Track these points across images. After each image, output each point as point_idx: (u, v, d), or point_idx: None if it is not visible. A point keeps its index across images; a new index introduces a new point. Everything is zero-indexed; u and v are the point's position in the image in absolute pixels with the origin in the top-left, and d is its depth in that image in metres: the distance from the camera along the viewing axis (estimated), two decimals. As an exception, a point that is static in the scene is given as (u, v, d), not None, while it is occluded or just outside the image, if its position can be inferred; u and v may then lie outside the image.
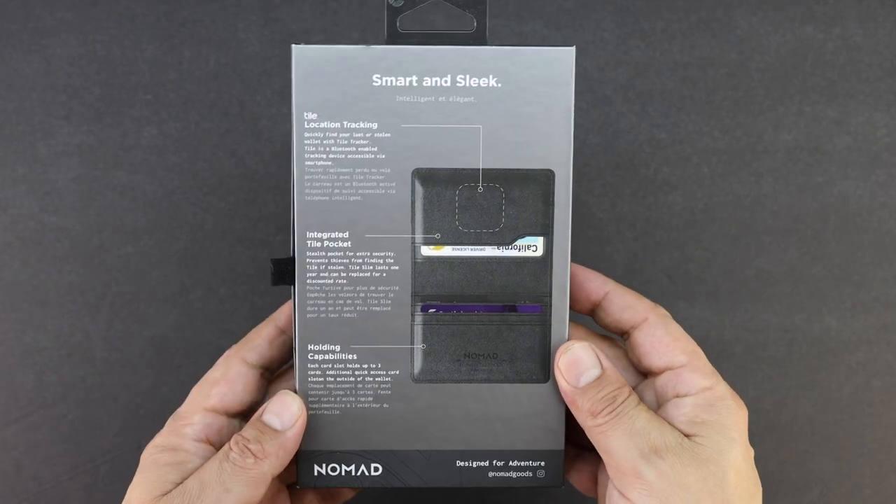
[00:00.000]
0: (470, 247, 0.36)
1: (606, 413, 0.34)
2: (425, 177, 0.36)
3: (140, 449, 0.50)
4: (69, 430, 0.50)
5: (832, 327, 0.52)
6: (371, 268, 0.36)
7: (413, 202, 0.36)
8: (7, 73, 0.50)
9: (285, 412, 0.35)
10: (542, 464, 0.37)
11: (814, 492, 0.52)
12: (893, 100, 0.52)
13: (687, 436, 0.33)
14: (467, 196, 0.36)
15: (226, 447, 0.34)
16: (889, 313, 0.52)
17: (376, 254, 0.36)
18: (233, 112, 0.51)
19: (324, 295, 0.36)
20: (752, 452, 0.35)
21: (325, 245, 0.36)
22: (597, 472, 0.39)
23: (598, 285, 0.37)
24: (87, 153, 0.51)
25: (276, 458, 0.34)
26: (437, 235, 0.36)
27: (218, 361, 0.37)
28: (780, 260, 0.52)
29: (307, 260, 0.36)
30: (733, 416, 0.34)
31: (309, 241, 0.36)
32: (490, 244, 0.36)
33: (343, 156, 0.35)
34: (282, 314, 0.38)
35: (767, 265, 0.52)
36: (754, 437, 0.52)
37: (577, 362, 0.35)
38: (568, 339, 0.37)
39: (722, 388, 0.35)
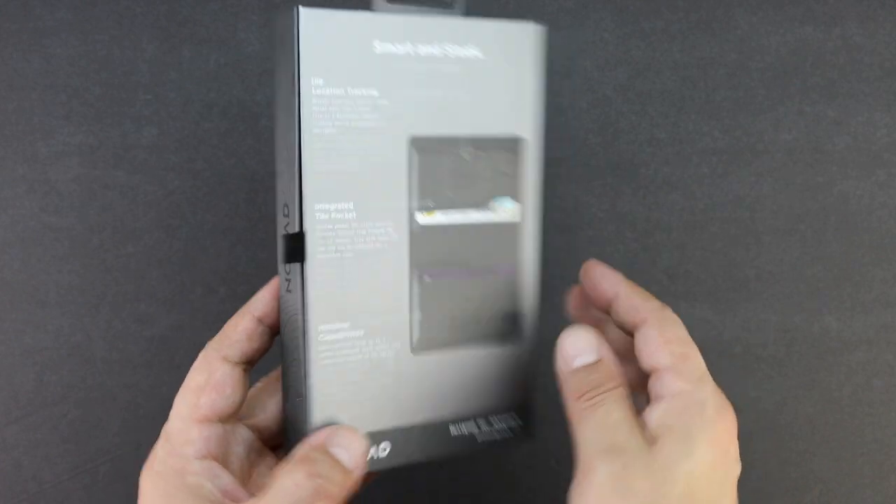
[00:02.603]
0: (458, 212, 0.37)
1: (587, 398, 0.33)
2: (421, 145, 0.36)
3: (140, 448, 0.51)
4: (69, 430, 0.50)
5: (832, 327, 0.52)
6: (374, 239, 0.35)
7: (410, 170, 0.36)
8: (7, 73, 0.50)
9: (356, 452, 0.33)
10: (518, 419, 0.38)
11: (814, 492, 0.52)
12: (893, 100, 0.52)
13: (651, 439, 0.32)
14: (455, 163, 0.36)
15: (288, 478, 0.32)
16: (889, 313, 0.52)
17: (378, 224, 0.35)
18: (233, 112, 0.51)
19: (332, 270, 0.35)
20: (728, 462, 0.33)
21: (332, 217, 0.34)
22: None
23: (610, 285, 0.37)
24: (87, 153, 0.51)
25: (341, 500, 0.32)
26: (431, 203, 0.36)
27: (196, 364, 0.35)
28: (780, 260, 0.52)
29: (317, 234, 0.34)
30: (706, 423, 0.32)
31: (317, 214, 0.34)
32: (473, 208, 0.37)
33: (347, 123, 0.34)
34: (258, 303, 0.36)
35: (767, 265, 0.52)
36: (754, 436, 0.52)
37: (575, 344, 0.35)
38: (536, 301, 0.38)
39: (704, 393, 0.33)
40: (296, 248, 0.34)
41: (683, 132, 0.52)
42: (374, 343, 0.36)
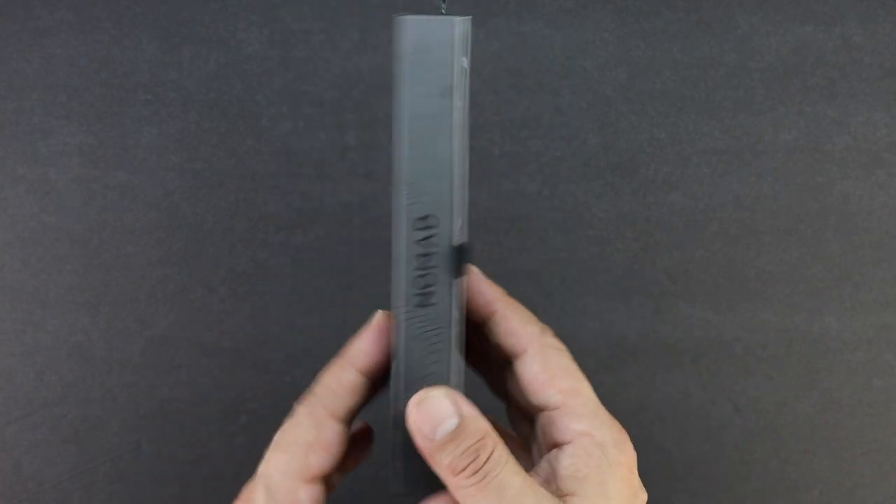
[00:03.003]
0: None
1: (470, 473, 0.30)
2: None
3: (140, 448, 0.51)
4: (69, 430, 0.50)
5: (832, 327, 0.52)
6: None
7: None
8: (7, 73, 0.50)
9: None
10: None
11: (814, 492, 0.52)
12: (893, 100, 0.52)
13: (563, 495, 0.30)
14: None
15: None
16: (889, 313, 0.52)
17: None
18: (233, 112, 0.51)
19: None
20: (636, 497, 0.32)
21: (461, 227, 0.33)
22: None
23: (486, 301, 0.34)
24: (87, 153, 0.50)
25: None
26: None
27: (298, 419, 0.32)
28: (780, 260, 0.52)
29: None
30: (614, 466, 0.31)
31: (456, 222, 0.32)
32: None
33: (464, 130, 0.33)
34: (357, 354, 0.33)
35: (767, 265, 0.52)
36: (754, 437, 0.52)
37: (430, 413, 0.31)
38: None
39: (602, 432, 0.31)
40: (462, 259, 0.33)
41: (683, 132, 0.52)
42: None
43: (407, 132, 0.33)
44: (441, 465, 0.30)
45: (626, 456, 0.31)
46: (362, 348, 0.33)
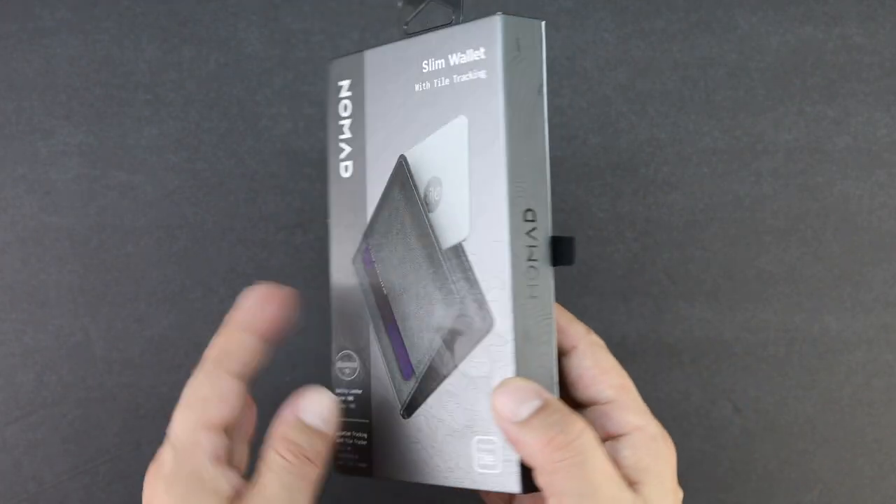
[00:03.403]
0: None
1: (561, 445, 0.30)
2: None
3: (140, 448, 0.51)
4: (69, 430, 0.50)
5: (832, 327, 0.52)
6: None
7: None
8: (7, 73, 0.50)
9: (325, 411, 0.34)
10: None
11: (814, 492, 0.52)
12: (893, 100, 0.52)
13: (631, 483, 0.32)
14: None
15: (274, 458, 0.33)
16: (889, 313, 0.52)
17: None
18: (233, 112, 0.51)
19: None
20: (681, 495, 0.34)
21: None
22: None
23: None
24: (87, 153, 0.51)
25: (326, 461, 0.33)
26: None
27: (198, 377, 0.35)
28: (780, 260, 0.52)
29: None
30: (666, 460, 0.33)
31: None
32: None
33: None
34: (247, 316, 0.35)
35: (767, 265, 0.52)
36: (754, 436, 0.52)
37: (514, 395, 0.32)
38: None
39: (653, 427, 0.34)
40: (568, 250, 0.34)
41: (683, 132, 0.52)
42: None
43: (507, 128, 0.33)
44: (529, 443, 0.31)
45: (671, 450, 0.34)
46: (249, 311, 0.35)
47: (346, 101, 0.39)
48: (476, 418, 0.34)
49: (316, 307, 0.51)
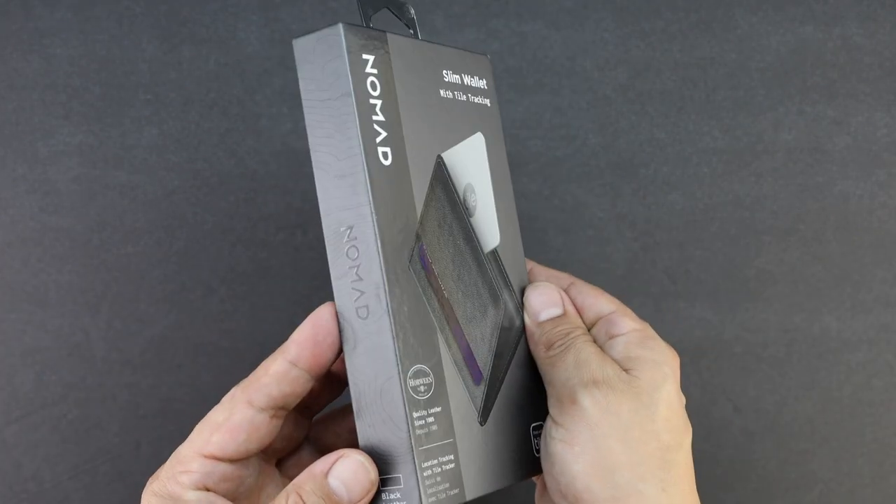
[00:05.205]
0: None
1: (557, 346, 0.35)
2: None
3: (140, 448, 0.51)
4: (69, 430, 0.50)
5: (832, 327, 0.52)
6: None
7: None
8: (7, 73, 0.50)
9: (356, 486, 0.32)
10: None
11: (814, 492, 0.52)
12: (893, 100, 0.52)
13: (624, 370, 0.35)
14: None
15: (285, 502, 0.31)
16: (889, 313, 0.52)
17: None
18: (233, 112, 0.51)
19: None
20: (683, 398, 0.36)
21: None
22: None
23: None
24: (87, 153, 0.51)
25: None
26: None
27: (223, 400, 0.34)
28: (780, 260, 0.52)
29: None
30: (665, 354, 0.35)
31: None
32: None
33: None
34: (292, 346, 0.33)
35: (767, 265, 0.52)
36: (754, 436, 0.52)
37: (541, 299, 0.37)
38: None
39: (651, 331, 0.37)
40: None
41: (683, 132, 0.52)
42: None
43: (505, 154, 0.39)
44: (538, 340, 0.36)
45: (673, 356, 0.36)
46: (297, 341, 0.33)
47: (374, 79, 0.33)
48: (528, 407, 0.37)
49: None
